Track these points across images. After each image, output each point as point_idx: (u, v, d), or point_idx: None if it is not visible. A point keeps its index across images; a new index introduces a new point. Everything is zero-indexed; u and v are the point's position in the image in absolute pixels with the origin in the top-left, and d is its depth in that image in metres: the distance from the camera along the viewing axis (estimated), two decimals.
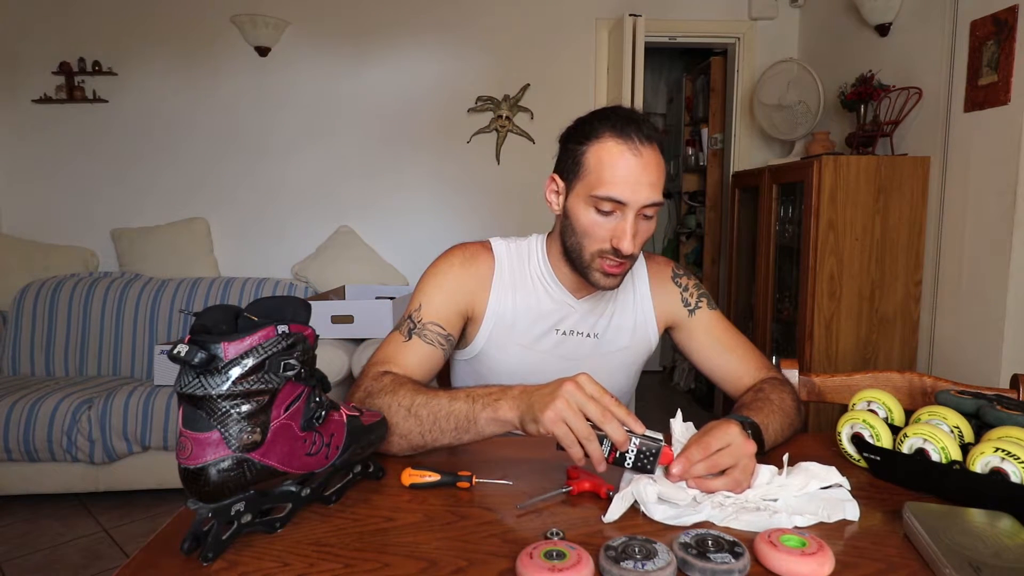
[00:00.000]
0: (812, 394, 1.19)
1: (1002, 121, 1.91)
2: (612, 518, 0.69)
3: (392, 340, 1.00)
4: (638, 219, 0.92)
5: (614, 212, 0.92)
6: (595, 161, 0.92)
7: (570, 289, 1.06)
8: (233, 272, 3.12)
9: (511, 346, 1.05)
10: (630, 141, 0.90)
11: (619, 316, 1.09)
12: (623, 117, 0.93)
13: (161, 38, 3.02)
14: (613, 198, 0.90)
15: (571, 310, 1.06)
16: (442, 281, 1.03)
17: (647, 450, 0.72)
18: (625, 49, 2.75)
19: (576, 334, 1.07)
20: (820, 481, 0.75)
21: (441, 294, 1.02)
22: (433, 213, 3.20)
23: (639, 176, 0.90)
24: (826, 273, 2.26)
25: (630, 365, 1.12)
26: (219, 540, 0.62)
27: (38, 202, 3.06)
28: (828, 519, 0.69)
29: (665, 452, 0.73)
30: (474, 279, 1.04)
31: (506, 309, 1.05)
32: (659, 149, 0.93)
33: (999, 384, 1.88)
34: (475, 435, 0.82)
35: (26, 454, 2.26)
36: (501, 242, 1.09)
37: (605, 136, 0.92)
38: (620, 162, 0.90)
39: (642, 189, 0.90)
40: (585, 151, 0.93)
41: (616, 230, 0.92)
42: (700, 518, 0.69)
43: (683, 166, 4.20)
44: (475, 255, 1.06)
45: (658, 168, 0.92)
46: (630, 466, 0.73)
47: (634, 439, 0.72)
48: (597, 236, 0.94)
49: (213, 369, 0.59)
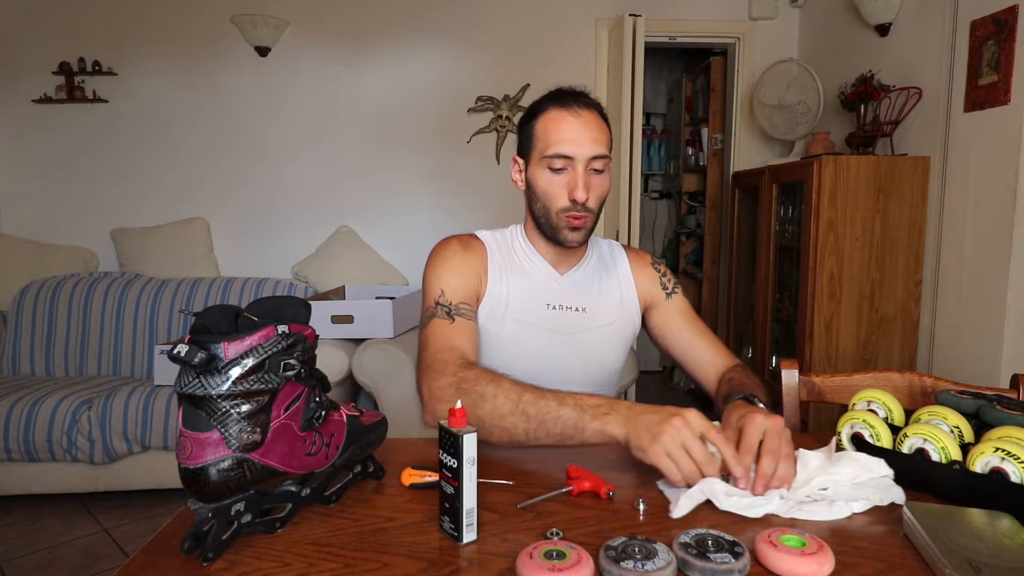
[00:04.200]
0: (812, 394, 1.19)
1: (1002, 121, 1.91)
2: (681, 514, 0.70)
3: (437, 327, 1.02)
4: (588, 173, 1.04)
5: (565, 168, 1.04)
6: (542, 129, 1.06)
7: (552, 264, 1.14)
8: (233, 272, 3.12)
9: (508, 321, 1.10)
10: (570, 107, 1.04)
11: (605, 291, 1.17)
12: (563, 91, 1.08)
13: (161, 38, 3.02)
14: (561, 153, 1.03)
15: (556, 285, 1.13)
16: (452, 265, 1.09)
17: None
18: (625, 49, 2.75)
19: (566, 308, 1.13)
20: (870, 472, 0.76)
21: (456, 276, 1.07)
22: (433, 213, 3.20)
23: (581, 132, 1.03)
24: (826, 273, 2.26)
25: (618, 340, 1.17)
26: (219, 540, 0.62)
27: (38, 202, 3.06)
28: (881, 502, 0.72)
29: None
30: (476, 261, 1.11)
31: (502, 289, 1.11)
32: (600, 115, 1.07)
33: (999, 384, 1.88)
34: (578, 442, 0.84)
35: (26, 454, 2.26)
36: (486, 232, 1.18)
37: (548, 108, 1.06)
38: (563, 124, 1.04)
39: (585, 143, 1.03)
40: (535, 125, 1.07)
41: (570, 183, 1.04)
42: (769, 508, 0.70)
43: (683, 166, 4.20)
44: (469, 242, 1.14)
45: (598, 126, 1.05)
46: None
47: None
48: (555, 194, 1.05)
49: (213, 369, 0.59)
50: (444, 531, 0.67)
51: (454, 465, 0.65)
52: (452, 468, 0.65)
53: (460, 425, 0.65)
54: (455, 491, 0.65)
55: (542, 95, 1.10)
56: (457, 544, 0.65)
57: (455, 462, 0.64)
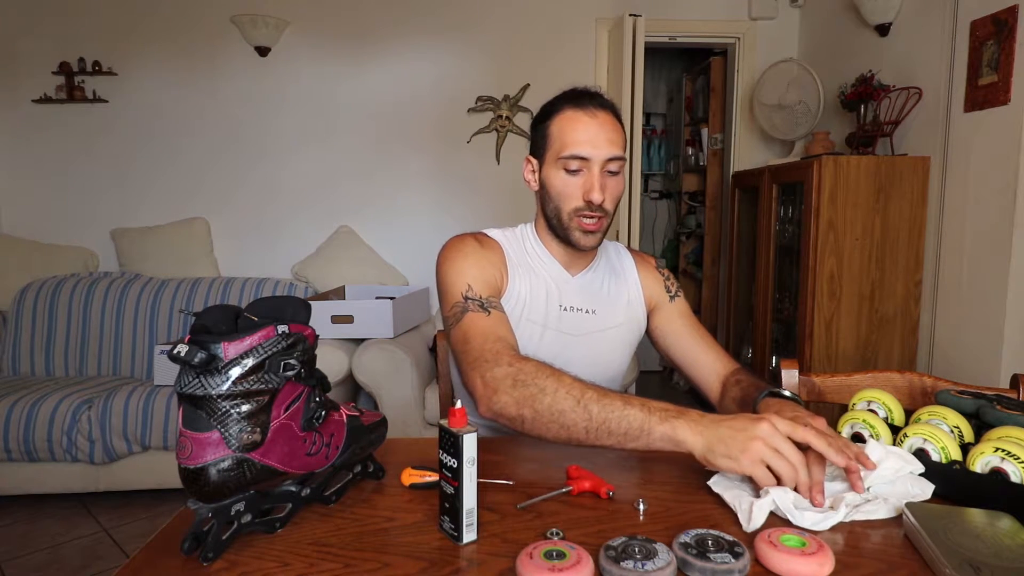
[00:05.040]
0: (812, 394, 1.19)
1: (1002, 121, 1.91)
2: (756, 526, 0.67)
3: (475, 319, 0.96)
4: (603, 174, 1.03)
5: (581, 170, 1.03)
6: (558, 130, 1.05)
7: (564, 265, 1.14)
8: (233, 272, 3.12)
9: (523, 322, 1.09)
10: (586, 108, 1.04)
11: (614, 293, 1.17)
12: (578, 92, 1.07)
13: (161, 38, 3.02)
14: (577, 155, 1.02)
15: (568, 286, 1.13)
16: (474, 260, 1.05)
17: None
18: (625, 49, 2.75)
19: (576, 310, 1.12)
20: (910, 466, 0.76)
21: (478, 270, 1.04)
22: (433, 213, 3.20)
23: (597, 133, 1.02)
24: (826, 273, 2.26)
25: (626, 342, 1.18)
26: (219, 540, 0.62)
27: (38, 202, 3.06)
28: (917, 498, 0.73)
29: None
30: (496, 258, 1.10)
31: (520, 289, 1.10)
32: (615, 116, 1.06)
33: (999, 384, 1.88)
34: (643, 446, 0.79)
35: (26, 454, 2.26)
36: (496, 231, 1.16)
37: (564, 108, 1.05)
38: (579, 125, 1.03)
39: (601, 144, 1.02)
40: (549, 125, 1.07)
41: (585, 185, 1.03)
42: (839, 518, 0.68)
43: (683, 166, 4.20)
44: (484, 239, 1.12)
45: (614, 127, 1.04)
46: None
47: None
48: (570, 195, 1.04)
49: (213, 369, 0.59)
50: (444, 531, 0.67)
51: (454, 465, 0.65)
52: (452, 468, 0.65)
53: (460, 425, 0.65)
54: (455, 491, 0.65)
55: (556, 95, 1.09)
56: (457, 544, 0.65)
57: (455, 462, 0.64)
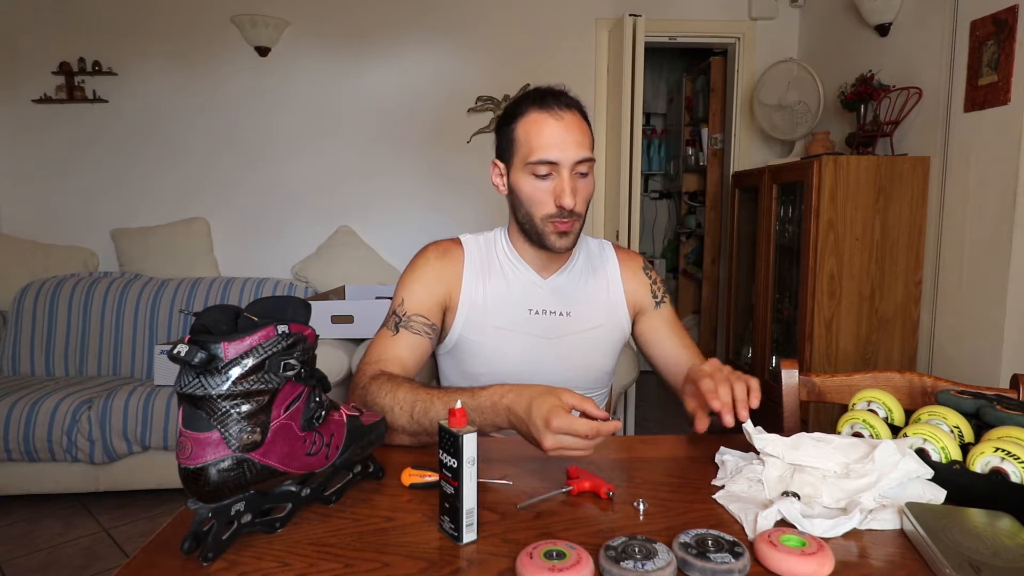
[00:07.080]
0: (812, 394, 1.19)
1: (1002, 121, 1.91)
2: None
3: (381, 337, 1.06)
4: (574, 177, 1.02)
5: (550, 174, 1.01)
6: (523, 133, 1.02)
7: (536, 269, 1.13)
8: (233, 272, 3.12)
9: (487, 328, 1.10)
10: (551, 109, 1.01)
11: (592, 295, 1.15)
12: (542, 92, 1.04)
13: (161, 38, 3.02)
14: (546, 160, 1.00)
15: (539, 289, 1.12)
16: (421, 275, 1.10)
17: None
18: (625, 49, 2.75)
19: (548, 313, 1.11)
20: (924, 470, 0.75)
21: (421, 287, 1.09)
22: (433, 213, 3.20)
23: (564, 136, 1.00)
24: (826, 273, 2.26)
25: (606, 345, 1.16)
26: (219, 540, 0.62)
27: (38, 202, 3.06)
28: (931, 502, 0.72)
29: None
30: (449, 270, 1.11)
31: (479, 295, 1.11)
32: (581, 114, 1.04)
33: (999, 384, 1.88)
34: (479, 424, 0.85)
35: (26, 454, 2.26)
36: (470, 236, 1.18)
37: (529, 110, 1.03)
38: (545, 129, 1.00)
39: (569, 147, 1.00)
40: (515, 128, 1.04)
41: (556, 189, 1.01)
42: (852, 524, 0.67)
43: (683, 166, 4.20)
44: (447, 249, 1.14)
45: (580, 129, 1.02)
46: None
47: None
48: (541, 200, 1.03)
49: (213, 369, 0.59)
50: (444, 531, 0.67)
51: (454, 465, 0.65)
52: (452, 468, 0.65)
53: (460, 425, 0.65)
54: (455, 491, 0.65)
55: (519, 95, 1.08)
56: (457, 544, 0.65)
57: (455, 462, 0.64)
